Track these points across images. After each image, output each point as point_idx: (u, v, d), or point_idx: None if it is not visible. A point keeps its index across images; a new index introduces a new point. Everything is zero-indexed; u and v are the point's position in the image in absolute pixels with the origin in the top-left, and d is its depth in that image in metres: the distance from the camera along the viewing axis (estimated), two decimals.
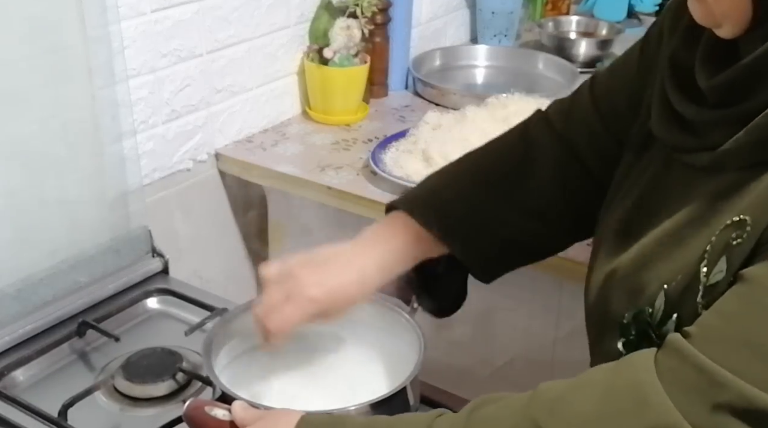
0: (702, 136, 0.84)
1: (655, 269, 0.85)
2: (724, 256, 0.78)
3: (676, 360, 0.76)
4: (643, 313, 0.85)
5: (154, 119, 1.60)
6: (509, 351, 1.63)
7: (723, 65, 0.81)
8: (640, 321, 0.85)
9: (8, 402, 1.21)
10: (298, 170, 1.67)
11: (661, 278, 0.84)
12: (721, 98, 0.82)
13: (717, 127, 0.82)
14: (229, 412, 0.96)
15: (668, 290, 0.83)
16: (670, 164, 0.89)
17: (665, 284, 0.83)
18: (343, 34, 1.79)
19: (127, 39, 1.49)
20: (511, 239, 1.08)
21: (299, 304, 1.01)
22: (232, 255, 1.85)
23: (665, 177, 0.90)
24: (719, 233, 0.79)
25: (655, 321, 0.84)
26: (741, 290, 0.76)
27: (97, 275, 1.43)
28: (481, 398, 0.87)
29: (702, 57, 0.85)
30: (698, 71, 0.84)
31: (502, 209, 1.07)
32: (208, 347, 1.08)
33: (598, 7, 2.47)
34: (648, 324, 0.84)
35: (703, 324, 0.77)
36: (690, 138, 0.85)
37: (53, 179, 1.37)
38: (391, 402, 1.02)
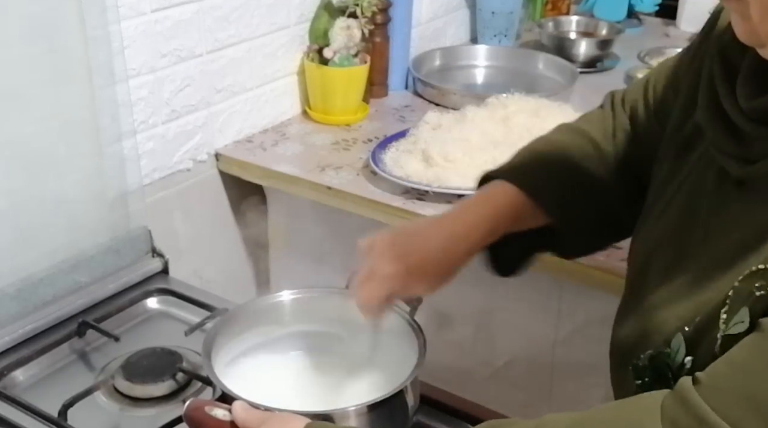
0: (744, 143, 0.81)
1: (677, 308, 0.83)
2: (746, 307, 0.75)
3: (681, 409, 0.74)
4: (663, 355, 0.82)
5: (154, 119, 1.60)
6: (509, 352, 1.63)
7: (765, 87, 0.78)
8: (658, 362, 0.83)
9: (8, 402, 1.21)
10: (298, 170, 1.67)
11: (681, 317, 0.82)
12: (762, 120, 0.79)
13: (759, 140, 0.79)
14: (229, 412, 0.96)
15: (687, 333, 0.80)
16: (708, 174, 0.86)
17: (685, 326, 0.81)
18: (343, 34, 1.79)
19: (127, 39, 1.49)
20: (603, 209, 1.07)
21: (378, 282, 1.02)
22: (232, 255, 1.85)
23: (701, 194, 0.87)
24: (743, 279, 0.76)
25: (675, 364, 0.81)
26: (755, 341, 0.73)
27: (97, 275, 1.43)
28: (486, 423, 0.86)
29: (745, 75, 0.81)
30: (739, 89, 0.81)
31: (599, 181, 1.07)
32: (208, 347, 1.08)
33: (598, 7, 2.47)
34: (668, 366, 0.82)
35: (713, 372, 0.75)
36: (731, 141, 0.82)
37: (53, 179, 1.37)
38: (391, 403, 1.02)
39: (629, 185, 1.07)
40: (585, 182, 1.07)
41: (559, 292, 1.49)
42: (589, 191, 1.07)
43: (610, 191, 1.08)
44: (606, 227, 1.10)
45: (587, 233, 1.09)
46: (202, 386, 1.23)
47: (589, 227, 1.08)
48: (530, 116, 1.74)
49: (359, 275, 1.04)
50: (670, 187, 0.92)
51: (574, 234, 1.07)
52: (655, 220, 0.94)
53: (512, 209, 1.05)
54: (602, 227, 1.10)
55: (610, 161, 1.08)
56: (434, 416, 1.15)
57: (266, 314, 1.16)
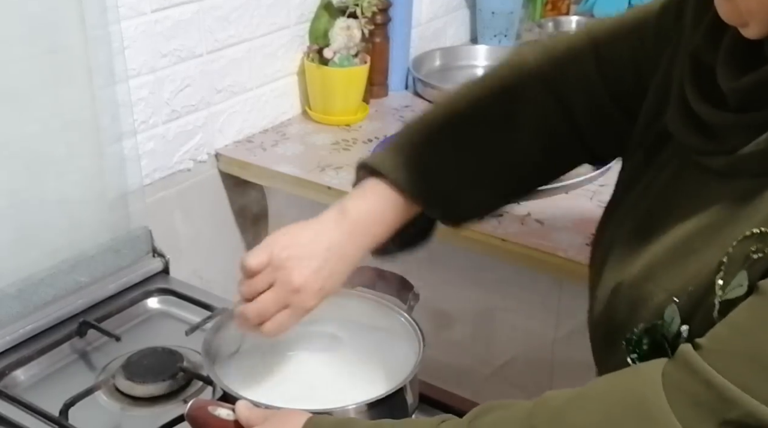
0: (719, 139, 0.81)
1: (663, 280, 0.83)
2: (744, 271, 0.75)
3: (685, 374, 0.74)
4: (658, 326, 0.82)
5: (154, 119, 1.60)
6: (509, 351, 1.63)
7: (746, 67, 0.79)
8: (653, 334, 0.82)
9: (9, 402, 1.21)
10: (298, 170, 1.67)
11: (668, 289, 0.82)
12: (742, 102, 0.79)
13: (736, 131, 0.79)
14: (232, 412, 0.96)
15: (681, 303, 0.80)
16: (685, 167, 0.86)
17: (674, 296, 0.81)
18: (343, 35, 1.79)
19: (128, 39, 1.49)
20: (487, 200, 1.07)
21: (297, 313, 1.01)
22: (233, 255, 1.84)
23: (679, 181, 0.87)
24: (737, 244, 0.76)
25: (671, 335, 0.81)
26: (756, 303, 0.73)
27: (97, 275, 1.43)
28: (485, 404, 0.86)
29: (724, 57, 0.81)
30: (720, 72, 0.81)
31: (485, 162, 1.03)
32: (208, 346, 1.08)
33: (598, 6, 2.47)
34: (663, 336, 0.81)
35: (714, 336, 0.75)
36: (706, 140, 0.82)
37: (54, 179, 1.38)
38: (390, 402, 1.02)
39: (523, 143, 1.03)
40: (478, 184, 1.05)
41: (559, 292, 1.50)
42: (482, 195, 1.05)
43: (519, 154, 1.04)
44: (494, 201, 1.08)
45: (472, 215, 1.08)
46: (202, 385, 1.23)
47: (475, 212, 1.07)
48: None
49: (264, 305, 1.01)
50: (646, 175, 0.92)
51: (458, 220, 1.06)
52: (629, 206, 0.93)
53: (397, 211, 1.02)
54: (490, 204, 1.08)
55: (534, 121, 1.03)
56: (434, 415, 1.15)
57: None
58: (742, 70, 0.79)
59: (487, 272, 1.21)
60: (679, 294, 0.80)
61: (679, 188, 0.87)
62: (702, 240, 0.80)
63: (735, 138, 0.79)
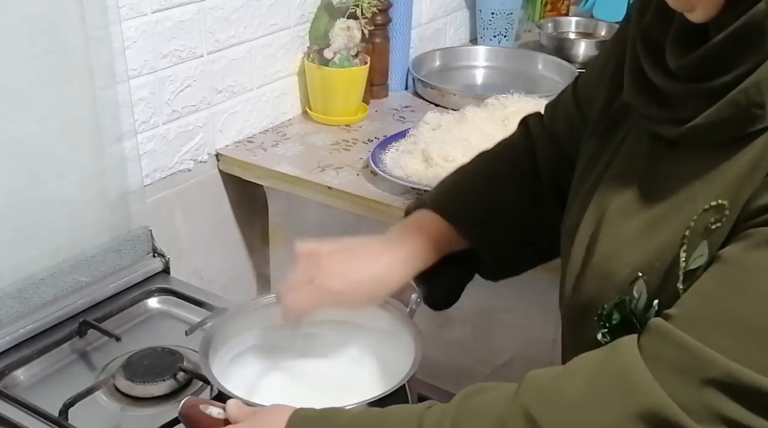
0: (674, 108, 0.85)
1: (628, 256, 0.86)
2: (705, 241, 0.80)
3: (661, 342, 0.78)
4: (626, 302, 0.85)
5: (154, 120, 1.60)
6: (508, 351, 1.63)
7: (692, 48, 0.83)
8: (622, 309, 0.86)
9: (9, 402, 1.21)
10: (299, 171, 1.67)
11: (633, 264, 0.85)
12: (690, 77, 0.84)
13: (689, 100, 0.83)
14: (224, 410, 0.96)
15: (648, 278, 0.84)
16: (640, 142, 0.91)
17: (640, 272, 0.84)
18: (343, 35, 1.80)
19: (128, 39, 1.50)
20: (525, 233, 1.13)
21: (319, 291, 1.05)
22: (233, 255, 1.85)
23: (636, 160, 0.91)
24: (697, 218, 0.81)
25: (638, 309, 0.84)
26: (718, 270, 0.78)
27: (98, 275, 1.43)
28: (472, 387, 0.88)
29: (672, 40, 0.86)
30: (668, 53, 0.86)
31: (518, 203, 1.13)
32: (206, 346, 1.08)
33: (597, 7, 2.47)
34: (632, 312, 0.85)
35: (683, 304, 0.79)
36: (662, 109, 0.87)
37: (54, 179, 1.38)
38: (388, 402, 1.02)
39: (549, 204, 1.12)
40: (511, 213, 1.13)
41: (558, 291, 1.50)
42: (516, 223, 1.13)
43: (530, 213, 1.13)
44: (525, 248, 1.15)
45: (506, 255, 1.14)
46: (202, 385, 1.23)
47: (507, 249, 1.13)
48: None
49: (295, 277, 1.06)
50: (601, 160, 0.97)
51: (493, 256, 1.13)
52: (587, 190, 0.97)
53: (439, 237, 1.10)
54: (521, 249, 1.15)
55: (529, 181, 1.14)
56: None
57: (266, 314, 1.16)
58: (688, 50, 0.83)
59: None
60: (646, 270, 0.84)
61: (636, 165, 0.91)
62: (664, 217, 0.85)
63: (688, 107, 0.83)
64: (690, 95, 0.83)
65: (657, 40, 0.88)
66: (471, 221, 1.12)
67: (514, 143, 1.19)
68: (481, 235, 1.12)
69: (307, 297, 1.06)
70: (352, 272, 1.06)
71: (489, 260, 1.13)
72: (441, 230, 1.10)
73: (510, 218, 1.13)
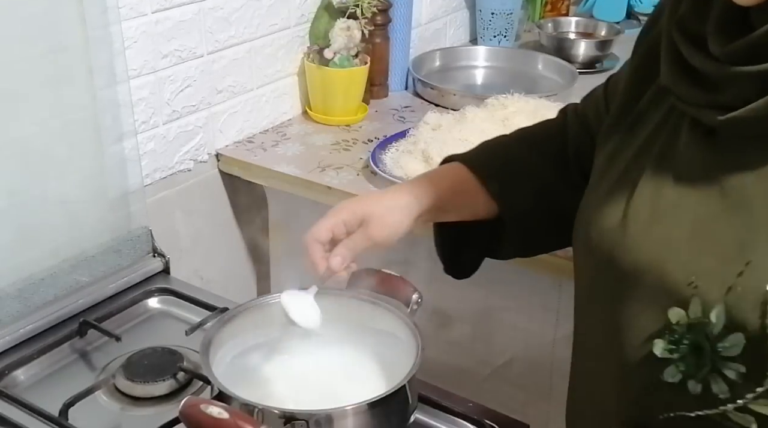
0: (715, 90, 0.81)
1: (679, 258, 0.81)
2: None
3: None
4: (703, 326, 0.78)
5: (155, 120, 1.60)
6: (508, 351, 1.63)
7: (736, 35, 0.80)
8: (698, 333, 0.79)
9: (9, 402, 1.21)
10: (299, 171, 1.68)
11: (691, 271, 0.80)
12: (736, 61, 0.79)
13: (732, 82, 0.80)
14: (224, 410, 0.96)
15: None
16: (677, 136, 0.87)
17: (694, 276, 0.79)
18: (343, 35, 1.80)
19: (128, 39, 1.50)
20: (548, 198, 1.12)
21: (328, 214, 1.06)
22: (233, 255, 1.85)
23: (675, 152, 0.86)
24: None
25: (712, 335, 0.77)
26: None
27: (98, 275, 1.43)
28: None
29: (714, 29, 0.83)
30: (711, 41, 0.82)
31: (545, 169, 1.13)
32: (206, 346, 1.08)
33: (597, 7, 2.47)
34: (706, 336, 0.78)
35: None
36: (702, 92, 0.83)
37: (54, 179, 1.38)
38: (389, 402, 1.02)
39: (574, 177, 1.11)
40: (534, 174, 1.13)
41: (558, 291, 1.50)
42: (537, 184, 1.13)
43: (560, 190, 1.12)
44: (550, 225, 1.13)
45: (531, 228, 1.13)
46: (203, 385, 1.23)
47: (533, 221, 1.12)
48: (530, 116, 1.74)
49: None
50: (624, 156, 0.93)
51: (517, 226, 1.12)
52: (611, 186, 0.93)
53: (462, 186, 1.11)
54: (547, 224, 1.13)
55: (558, 154, 1.14)
56: (433, 415, 1.16)
57: (266, 314, 1.16)
58: (732, 38, 0.80)
59: (487, 273, 1.21)
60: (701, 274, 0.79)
61: (676, 159, 0.86)
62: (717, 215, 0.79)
63: (731, 90, 0.80)
64: (733, 78, 0.79)
65: (694, 30, 0.85)
66: (494, 172, 1.12)
67: (551, 123, 1.21)
68: (501, 187, 1.11)
69: (324, 221, 1.05)
70: (368, 196, 1.11)
71: (509, 217, 1.11)
72: (465, 180, 1.11)
73: (535, 180, 1.12)
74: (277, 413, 0.99)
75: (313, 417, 0.99)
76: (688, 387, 0.80)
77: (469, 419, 1.15)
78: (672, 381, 0.81)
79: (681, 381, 0.81)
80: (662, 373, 0.82)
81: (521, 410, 1.47)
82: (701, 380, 0.79)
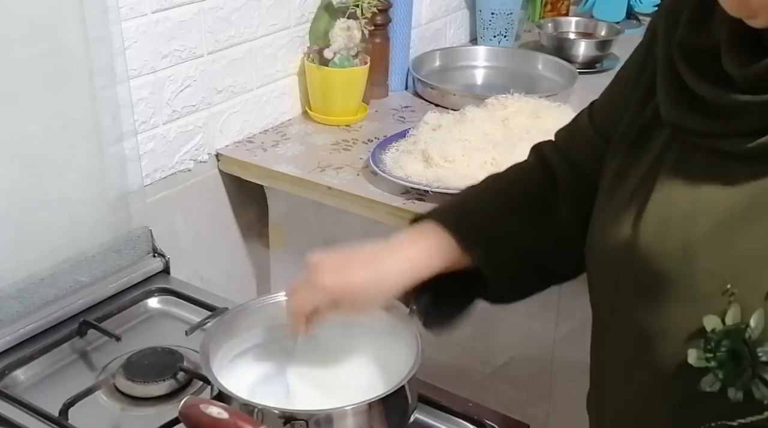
0: (728, 120, 0.80)
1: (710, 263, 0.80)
2: None
3: None
4: (740, 331, 0.77)
5: (155, 120, 1.60)
6: (508, 351, 1.63)
7: (751, 52, 0.79)
8: (735, 339, 0.77)
9: (9, 402, 1.21)
10: (299, 171, 1.68)
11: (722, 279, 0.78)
12: (754, 85, 0.78)
13: (747, 111, 0.78)
14: (224, 410, 0.96)
15: (741, 293, 0.76)
16: (690, 151, 0.85)
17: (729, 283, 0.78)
18: (343, 35, 1.80)
19: (128, 39, 1.50)
20: (532, 258, 1.08)
21: (313, 291, 1.04)
22: (233, 255, 1.85)
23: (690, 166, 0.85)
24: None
25: (751, 340, 0.76)
26: None
27: (98, 275, 1.43)
28: None
29: (727, 47, 0.81)
30: (726, 59, 0.80)
31: (528, 228, 1.08)
32: (206, 346, 1.08)
33: (597, 7, 2.47)
34: (744, 342, 0.77)
35: None
36: (712, 122, 0.81)
37: (54, 179, 1.38)
38: (389, 402, 1.02)
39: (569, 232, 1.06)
40: (513, 229, 1.08)
41: (558, 291, 1.49)
42: (517, 238, 1.07)
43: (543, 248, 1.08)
44: (531, 272, 1.10)
45: (511, 276, 1.08)
46: (203, 385, 1.23)
47: (512, 270, 1.08)
48: (530, 116, 1.74)
49: (294, 283, 1.07)
50: (632, 171, 0.92)
51: (498, 276, 1.06)
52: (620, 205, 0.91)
53: (440, 248, 1.06)
54: (527, 271, 1.09)
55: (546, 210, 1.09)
56: (433, 415, 1.16)
57: (266, 314, 1.16)
58: (748, 56, 0.79)
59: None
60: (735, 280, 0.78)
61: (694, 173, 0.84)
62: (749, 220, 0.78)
63: (746, 119, 0.78)
64: (748, 107, 0.78)
65: (699, 49, 0.84)
66: (475, 237, 1.06)
67: (529, 170, 1.14)
68: (485, 252, 1.06)
69: (302, 298, 1.05)
70: (347, 269, 1.04)
71: (492, 278, 1.06)
72: (443, 242, 1.05)
73: (519, 242, 1.07)
74: (277, 413, 0.99)
75: (313, 417, 0.99)
76: (728, 395, 0.79)
77: (469, 419, 1.15)
78: (710, 390, 0.80)
79: (720, 389, 0.79)
80: (699, 383, 0.80)
81: (521, 410, 1.48)
82: (742, 387, 0.78)
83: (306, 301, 1.05)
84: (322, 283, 1.03)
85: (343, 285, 1.03)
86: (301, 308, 1.05)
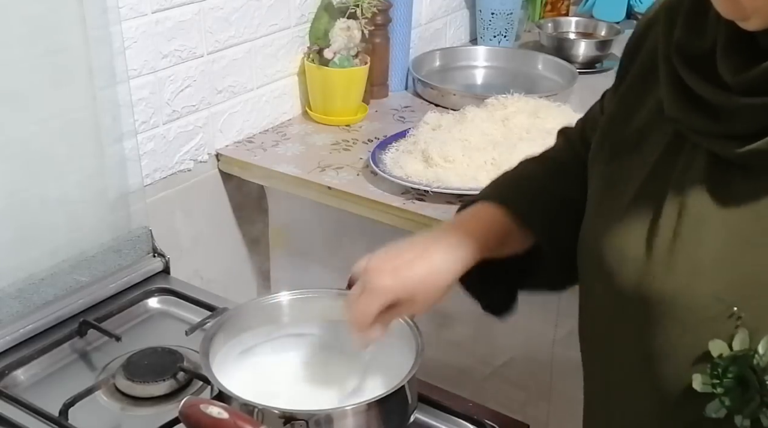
0: (727, 121, 0.79)
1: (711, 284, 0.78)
2: None
3: None
4: (748, 358, 0.74)
5: (155, 120, 1.60)
6: (508, 351, 1.63)
7: (746, 56, 0.78)
8: (742, 365, 0.75)
9: (9, 402, 1.21)
10: (299, 171, 1.68)
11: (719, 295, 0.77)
12: (749, 90, 0.77)
13: (746, 114, 0.77)
14: (224, 410, 0.96)
15: (748, 314, 0.74)
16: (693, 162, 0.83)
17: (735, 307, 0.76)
18: (343, 35, 1.80)
19: (128, 40, 1.50)
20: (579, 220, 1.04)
21: (373, 294, 0.99)
22: (233, 255, 1.85)
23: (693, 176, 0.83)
24: None
25: (759, 367, 0.74)
26: None
27: (98, 275, 1.43)
28: None
29: (723, 51, 0.80)
30: (721, 64, 0.80)
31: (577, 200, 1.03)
32: (206, 346, 1.08)
33: (597, 7, 2.47)
34: (752, 369, 0.74)
35: None
36: (714, 123, 0.80)
37: (54, 179, 1.38)
38: (389, 401, 1.02)
39: None
40: (563, 196, 1.06)
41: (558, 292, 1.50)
42: (569, 205, 1.04)
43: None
44: None
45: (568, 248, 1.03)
46: (203, 385, 1.23)
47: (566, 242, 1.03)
48: (530, 116, 1.74)
49: (351, 294, 1.02)
50: (628, 178, 0.89)
51: (559, 256, 1.04)
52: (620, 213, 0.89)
53: (500, 229, 1.04)
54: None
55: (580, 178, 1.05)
56: (433, 415, 1.16)
57: (266, 314, 1.16)
58: (743, 60, 0.78)
59: None
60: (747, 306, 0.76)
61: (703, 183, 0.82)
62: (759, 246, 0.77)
63: (745, 121, 0.78)
64: (746, 109, 0.77)
65: (696, 51, 0.83)
66: (532, 210, 1.04)
67: (559, 151, 1.14)
68: (541, 223, 1.04)
69: (363, 305, 1.00)
70: (403, 267, 1.00)
71: (550, 252, 1.04)
72: (496, 219, 1.03)
73: (572, 209, 1.03)
74: (277, 413, 0.99)
75: (313, 417, 0.99)
76: (735, 423, 0.77)
77: (469, 419, 1.15)
78: (716, 416, 0.77)
79: (726, 416, 0.77)
80: (704, 408, 0.78)
81: (521, 410, 1.48)
82: (749, 415, 0.76)
83: (369, 307, 1.00)
84: (383, 284, 0.99)
85: (403, 283, 1.00)
86: (367, 315, 1.00)
